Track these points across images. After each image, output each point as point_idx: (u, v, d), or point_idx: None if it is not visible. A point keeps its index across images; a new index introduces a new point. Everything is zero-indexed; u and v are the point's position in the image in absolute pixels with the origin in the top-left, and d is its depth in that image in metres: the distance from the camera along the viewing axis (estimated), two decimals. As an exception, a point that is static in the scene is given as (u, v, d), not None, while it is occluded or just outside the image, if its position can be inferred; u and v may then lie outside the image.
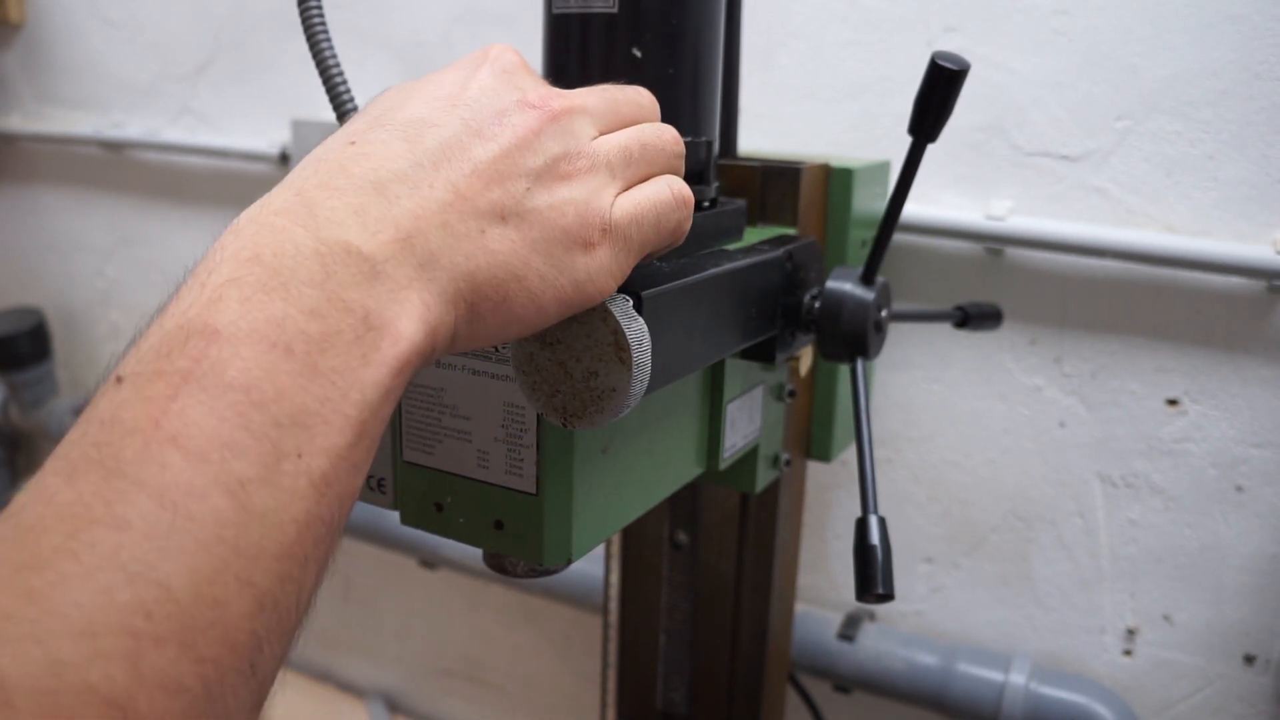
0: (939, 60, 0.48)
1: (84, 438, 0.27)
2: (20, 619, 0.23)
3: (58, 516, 0.25)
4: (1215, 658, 0.83)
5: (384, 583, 1.31)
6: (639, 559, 0.79)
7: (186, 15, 1.26)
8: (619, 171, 0.38)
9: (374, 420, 0.31)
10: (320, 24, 0.49)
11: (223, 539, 0.26)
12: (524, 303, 0.34)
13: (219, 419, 0.27)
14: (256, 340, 0.28)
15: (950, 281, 0.86)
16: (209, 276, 0.30)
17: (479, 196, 0.34)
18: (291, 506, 0.28)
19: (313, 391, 0.29)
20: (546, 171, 0.35)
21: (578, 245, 0.35)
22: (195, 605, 0.25)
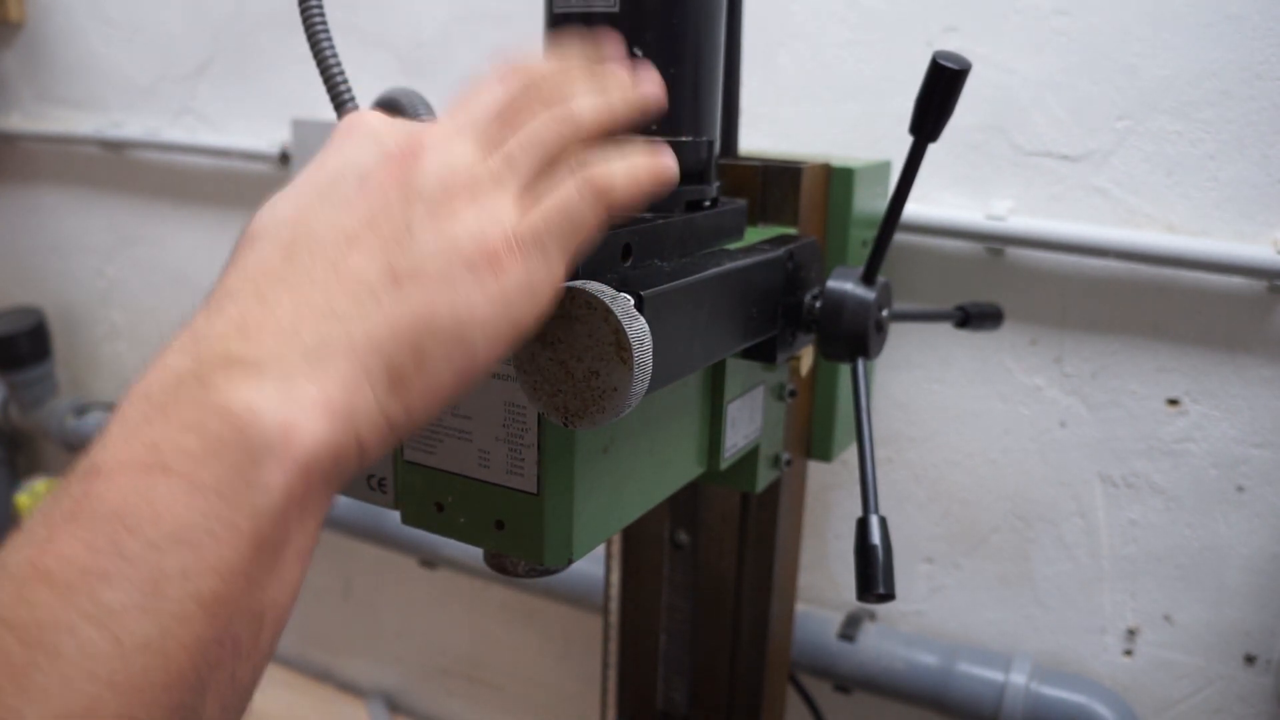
0: (940, 60, 0.48)
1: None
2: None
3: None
4: (1215, 658, 0.83)
5: (384, 583, 1.31)
6: (639, 559, 0.79)
7: (186, 15, 1.26)
8: (509, 181, 0.36)
9: (276, 529, 0.28)
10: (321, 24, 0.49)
11: (94, 674, 0.24)
12: (448, 351, 0.33)
13: (91, 549, 0.25)
14: (132, 467, 0.27)
15: (951, 281, 0.86)
16: (105, 427, 0.29)
17: (362, 269, 0.32)
18: (178, 632, 0.26)
19: (196, 507, 0.27)
20: (427, 214, 0.34)
21: (486, 272, 0.34)
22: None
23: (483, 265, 0.34)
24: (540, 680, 1.22)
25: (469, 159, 0.36)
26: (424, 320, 0.32)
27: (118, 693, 0.25)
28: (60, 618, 0.25)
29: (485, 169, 0.36)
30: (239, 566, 0.27)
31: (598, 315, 0.38)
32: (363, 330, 0.31)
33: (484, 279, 0.34)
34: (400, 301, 0.32)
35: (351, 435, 0.31)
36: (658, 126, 0.53)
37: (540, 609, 1.19)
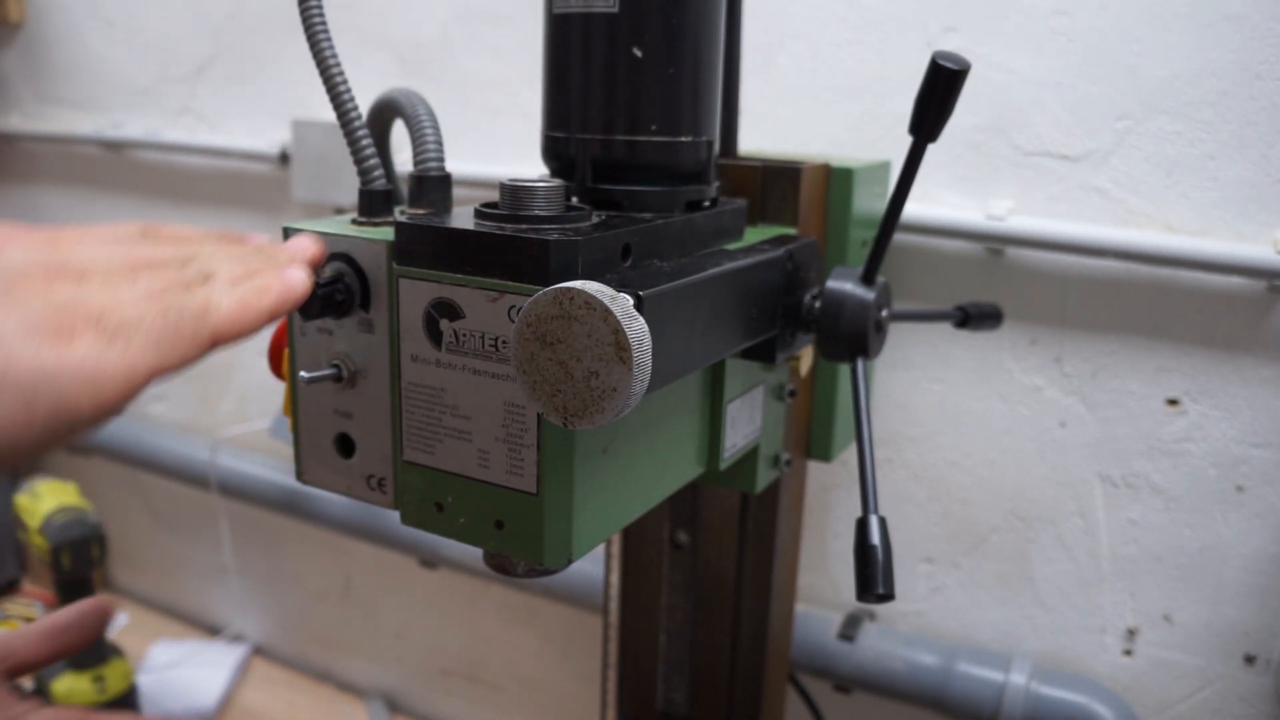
0: (939, 60, 0.49)
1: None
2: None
3: None
4: (1215, 658, 0.83)
5: (384, 583, 1.31)
6: (639, 559, 0.79)
7: (186, 15, 1.26)
8: (119, 288, 0.36)
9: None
10: (320, 24, 0.49)
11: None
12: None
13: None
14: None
15: (950, 281, 0.86)
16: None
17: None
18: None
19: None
20: (6, 279, 0.34)
21: (49, 337, 0.33)
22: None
23: (50, 330, 0.33)
24: (540, 680, 1.22)
25: (94, 255, 0.37)
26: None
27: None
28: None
29: (100, 261, 0.37)
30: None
31: (597, 315, 0.38)
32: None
33: (44, 339, 0.33)
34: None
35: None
36: (658, 126, 0.53)
37: (540, 609, 1.19)
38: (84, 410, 0.33)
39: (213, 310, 0.38)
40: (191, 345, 0.37)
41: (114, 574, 1.60)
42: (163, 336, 0.36)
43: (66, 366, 0.32)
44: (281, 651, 1.43)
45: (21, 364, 0.32)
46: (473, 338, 0.45)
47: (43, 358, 0.32)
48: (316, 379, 0.50)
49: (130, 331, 0.35)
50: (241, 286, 0.40)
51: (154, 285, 0.37)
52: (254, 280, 0.40)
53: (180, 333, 0.36)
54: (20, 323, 0.32)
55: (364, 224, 0.51)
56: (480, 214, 0.46)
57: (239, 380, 1.36)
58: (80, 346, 0.33)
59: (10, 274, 0.34)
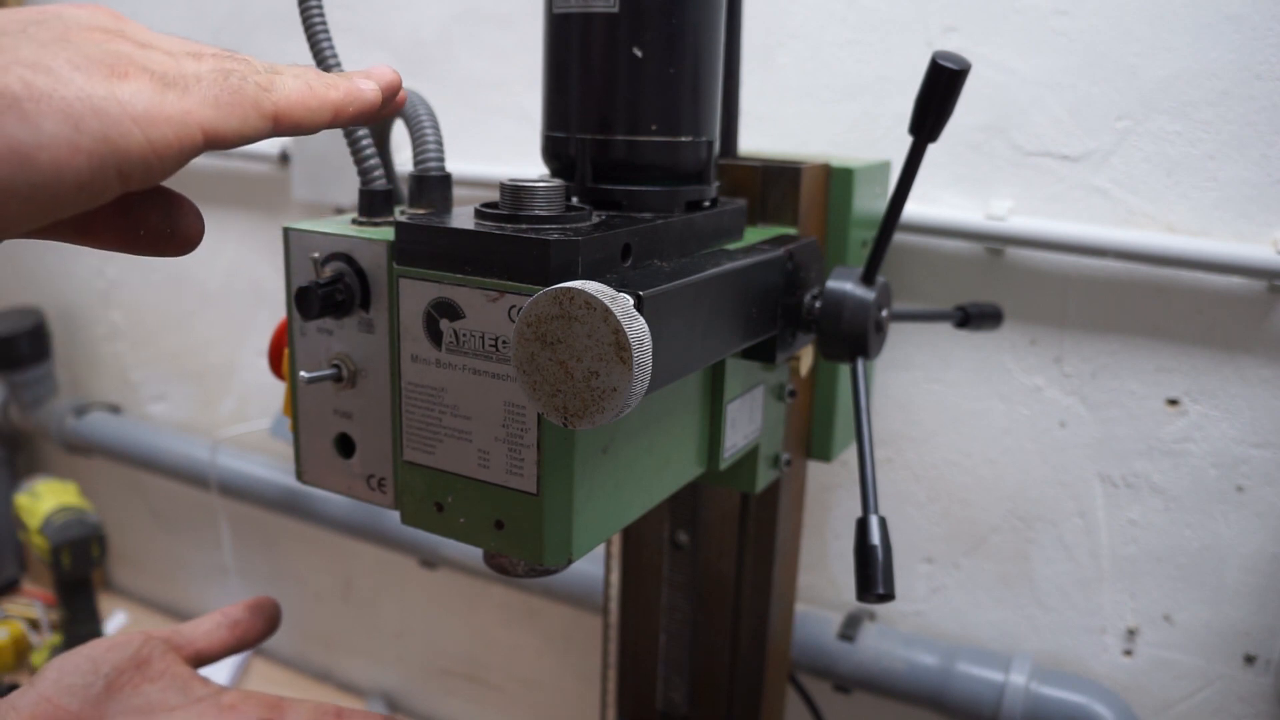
0: (939, 60, 0.49)
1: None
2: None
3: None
4: (1215, 658, 0.83)
5: (384, 583, 1.31)
6: (639, 559, 0.79)
7: (186, 15, 1.26)
8: (182, 60, 0.35)
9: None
10: (320, 24, 0.49)
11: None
12: (24, 110, 0.29)
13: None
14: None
15: (950, 281, 0.86)
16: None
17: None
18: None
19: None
20: (62, 28, 0.32)
21: (103, 71, 0.31)
22: None
23: (103, 67, 0.31)
24: (540, 680, 1.22)
25: (160, 36, 0.36)
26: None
27: None
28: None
29: (166, 42, 0.36)
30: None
31: (597, 315, 0.38)
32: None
33: (95, 74, 0.31)
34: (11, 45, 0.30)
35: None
36: (658, 126, 0.53)
37: (540, 609, 1.19)
38: (134, 150, 0.31)
39: (277, 87, 0.36)
40: (252, 112, 0.35)
41: (114, 574, 1.60)
42: (221, 95, 0.34)
43: (117, 99, 0.31)
44: (281, 651, 1.43)
45: (69, 90, 0.30)
46: (473, 338, 0.45)
47: (92, 88, 0.30)
48: (316, 379, 0.50)
49: (188, 84, 0.33)
50: (309, 77, 0.38)
51: (219, 64, 0.36)
52: (324, 77, 0.39)
53: (242, 96, 0.35)
54: (70, 58, 0.31)
55: (364, 224, 0.51)
56: (480, 214, 0.46)
57: (239, 380, 1.36)
58: (133, 85, 0.32)
59: (68, 26, 0.33)
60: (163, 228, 0.40)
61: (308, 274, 0.49)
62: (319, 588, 1.37)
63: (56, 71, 0.30)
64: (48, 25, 0.32)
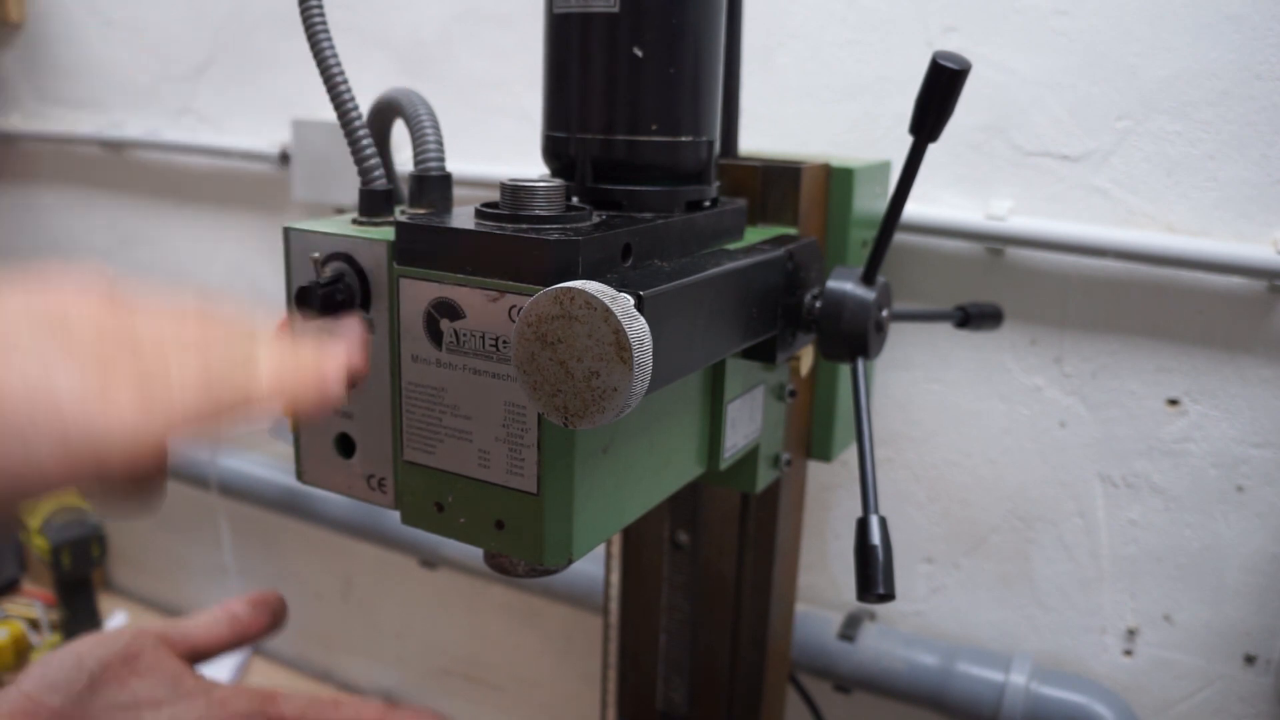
0: (940, 60, 0.49)
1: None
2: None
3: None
4: (1215, 658, 0.83)
5: (384, 583, 1.31)
6: (639, 559, 0.79)
7: (186, 15, 1.26)
8: (169, 345, 0.37)
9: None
10: (321, 24, 0.49)
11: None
12: (25, 437, 0.31)
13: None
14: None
15: (950, 281, 0.86)
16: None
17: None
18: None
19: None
20: (62, 323, 0.35)
21: (92, 385, 0.33)
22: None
23: (92, 376, 0.33)
24: (540, 680, 1.22)
25: (150, 308, 0.38)
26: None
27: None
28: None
29: (154, 328, 0.37)
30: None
31: (598, 315, 0.38)
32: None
33: (85, 392, 0.33)
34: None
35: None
36: (658, 126, 0.53)
37: (540, 609, 1.19)
38: (115, 457, 0.33)
39: (257, 376, 0.39)
40: (229, 407, 0.37)
41: (114, 574, 1.60)
42: (204, 407, 0.36)
43: (105, 414, 0.33)
44: (281, 651, 1.43)
45: (63, 410, 0.32)
46: (473, 338, 0.45)
47: (86, 405, 0.33)
48: (317, 379, 0.49)
49: (172, 384, 0.35)
50: (289, 358, 0.40)
51: (204, 349, 0.38)
52: (303, 355, 0.41)
53: (220, 404, 0.37)
54: (68, 371, 0.33)
55: (364, 224, 0.51)
56: (481, 214, 0.46)
57: (239, 380, 1.35)
58: (123, 395, 0.34)
59: (68, 326, 0.35)
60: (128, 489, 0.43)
61: (308, 274, 0.49)
62: (319, 588, 1.37)
63: (53, 390, 0.32)
64: (52, 330, 0.34)
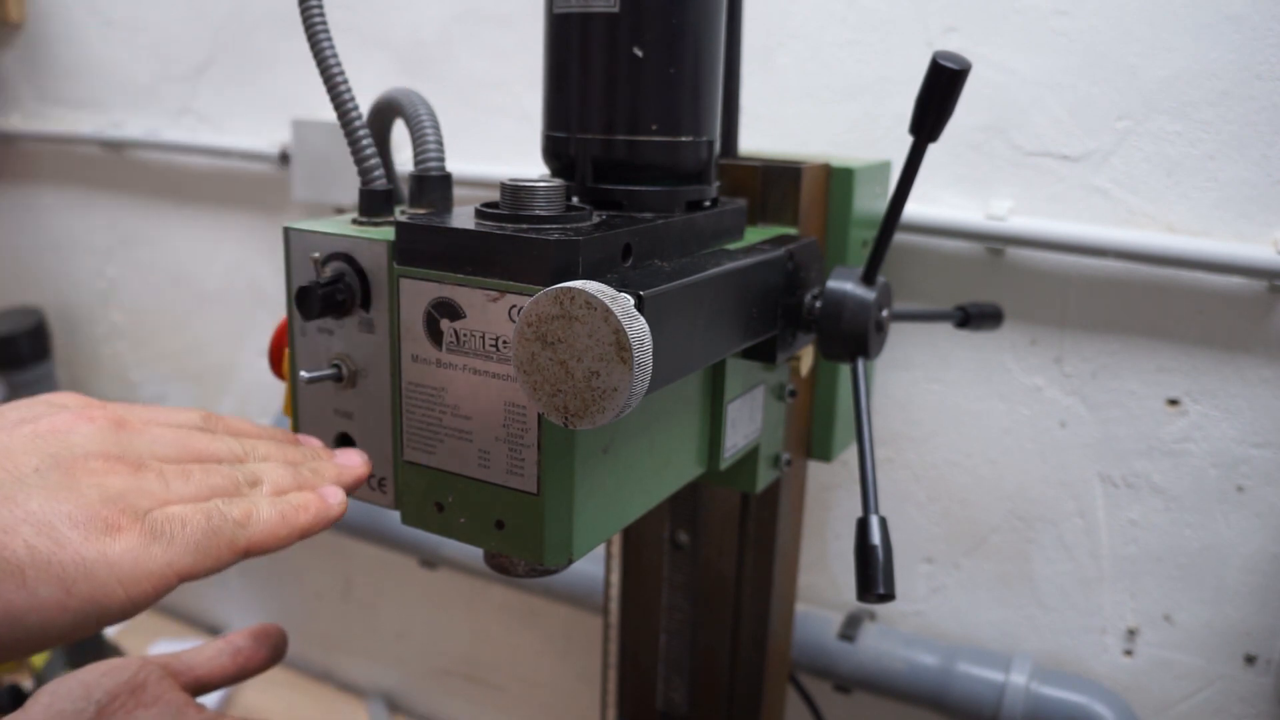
0: (940, 60, 0.49)
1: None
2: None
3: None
4: (1216, 658, 0.83)
5: (384, 583, 1.31)
6: (639, 559, 0.79)
7: (186, 15, 1.26)
8: (171, 483, 0.39)
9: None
10: (321, 24, 0.49)
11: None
12: (25, 577, 0.33)
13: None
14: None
15: (951, 281, 0.86)
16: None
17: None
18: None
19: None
20: (69, 461, 0.36)
21: (95, 529, 0.35)
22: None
23: (99, 522, 0.35)
24: (540, 680, 1.22)
25: (154, 442, 0.40)
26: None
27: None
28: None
29: (152, 462, 0.39)
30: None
31: (598, 315, 0.38)
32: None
33: (91, 532, 0.34)
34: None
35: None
36: (659, 126, 0.53)
37: (540, 609, 1.19)
38: (114, 606, 0.35)
39: (253, 523, 0.40)
40: (227, 553, 0.39)
41: (114, 574, 1.60)
42: (201, 542, 0.38)
43: (107, 560, 0.34)
44: (281, 651, 1.43)
45: (66, 553, 0.34)
46: (473, 338, 0.45)
47: (87, 549, 0.34)
48: (317, 379, 0.50)
49: (174, 533, 0.37)
50: (282, 502, 0.42)
51: (205, 483, 0.40)
52: (295, 497, 0.43)
53: (220, 539, 0.38)
54: (72, 512, 0.34)
55: (364, 224, 0.51)
56: (481, 214, 0.46)
57: (239, 380, 1.36)
58: (124, 542, 0.35)
59: (73, 458, 0.37)
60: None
61: (308, 274, 0.49)
62: (319, 588, 1.37)
63: (58, 532, 0.34)
64: (58, 461, 0.36)
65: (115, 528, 0.35)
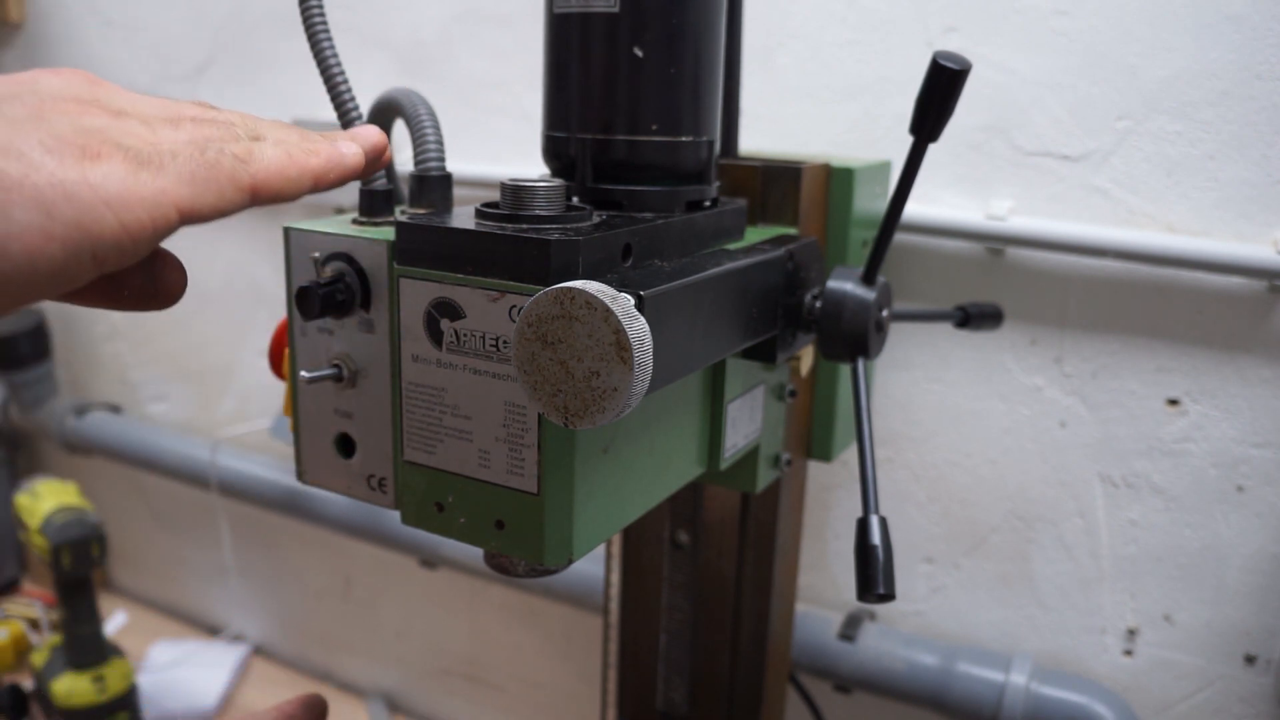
0: (940, 60, 0.49)
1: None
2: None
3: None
4: (1216, 658, 0.83)
5: (384, 583, 1.31)
6: (639, 559, 0.79)
7: (186, 15, 1.26)
8: (159, 129, 0.35)
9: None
10: (321, 23, 0.49)
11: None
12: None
13: None
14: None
15: (951, 281, 0.86)
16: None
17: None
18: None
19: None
20: (36, 101, 0.32)
21: (74, 155, 0.31)
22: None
23: (75, 148, 0.31)
24: (540, 680, 1.22)
25: (136, 100, 0.35)
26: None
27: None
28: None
29: (142, 108, 0.35)
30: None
31: (598, 315, 0.38)
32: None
33: (67, 156, 0.31)
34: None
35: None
36: (659, 126, 0.53)
37: (540, 609, 1.19)
38: (107, 234, 0.31)
39: (256, 158, 0.36)
40: (229, 187, 0.35)
41: (114, 574, 1.60)
42: (198, 171, 0.33)
43: (89, 182, 0.30)
44: (281, 651, 1.43)
45: (40, 176, 0.30)
46: (473, 337, 0.45)
47: (64, 173, 0.30)
48: (317, 379, 0.50)
49: (163, 162, 0.33)
50: (289, 144, 0.38)
51: (198, 133, 0.35)
52: (304, 143, 0.38)
53: (218, 171, 0.34)
54: (43, 139, 0.31)
55: (365, 224, 0.51)
56: (481, 214, 0.46)
57: (239, 380, 1.36)
58: (106, 167, 0.31)
59: (41, 99, 0.33)
60: (145, 286, 0.40)
61: (308, 274, 0.49)
62: (319, 588, 1.37)
63: (28, 156, 0.30)
64: (22, 100, 0.32)
65: (94, 154, 0.31)
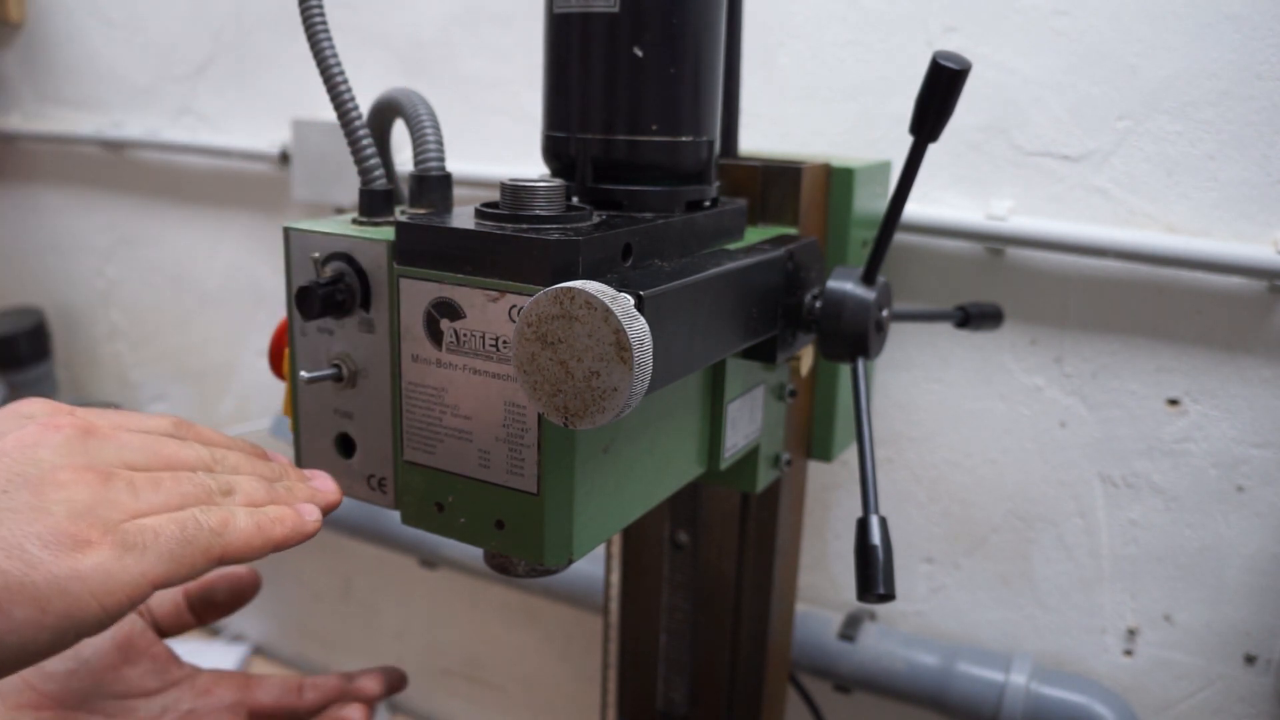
0: (940, 60, 0.49)
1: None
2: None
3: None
4: (1216, 658, 0.83)
5: (384, 583, 1.31)
6: (639, 559, 0.79)
7: (186, 15, 1.26)
8: (142, 492, 0.38)
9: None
10: (321, 24, 0.49)
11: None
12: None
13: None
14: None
15: (951, 281, 0.86)
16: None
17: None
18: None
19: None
20: (37, 478, 0.36)
21: (65, 546, 0.35)
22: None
23: (68, 539, 0.35)
24: (540, 680, 1.22)
25: (113, 459, 0.39)
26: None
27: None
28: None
29: (123, 473, 0.39)
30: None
31: (598, 315, 0.38)
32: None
33: (61, 550, 0.35)
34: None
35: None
36: (659, 126, 0.53)
37: (540, 609, 1.19)
38: (90, 619, 0.35)
39: (229, 531, 0.40)
40: (202, 560, 0.39)
41: (114, 574, 1.60)
42: (176, 550, 0.38)
43: (79, 575, 0.35)
44: (281, 651, 1.43)
45: (38, 574, 0.34)
46: (473, 338, 0.45)
47: (58, 567, 0.34)
48: (317, 379, 0.50)
49: (146, 543, 0.37)
50: (259, 513, 0.42)
51: (176, 491, 0.40)
52: (271, 510, 0.43)
53: (194, 547, 0.38)
54: (41, 532, 0.35)
55: (365, 224, 0.51)
56: (481, 214, 0.46)
57: (239, 380, 1.36)
58: (95, 556, 0.35)
59: (40, 474, 0.36)
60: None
61: (308, 274, 0.49)
62: (319, 588, 1.37)
63: (29, 553, 0.34)
64: (26, 480, 0.36)
65: (85, 543, 0.35)
